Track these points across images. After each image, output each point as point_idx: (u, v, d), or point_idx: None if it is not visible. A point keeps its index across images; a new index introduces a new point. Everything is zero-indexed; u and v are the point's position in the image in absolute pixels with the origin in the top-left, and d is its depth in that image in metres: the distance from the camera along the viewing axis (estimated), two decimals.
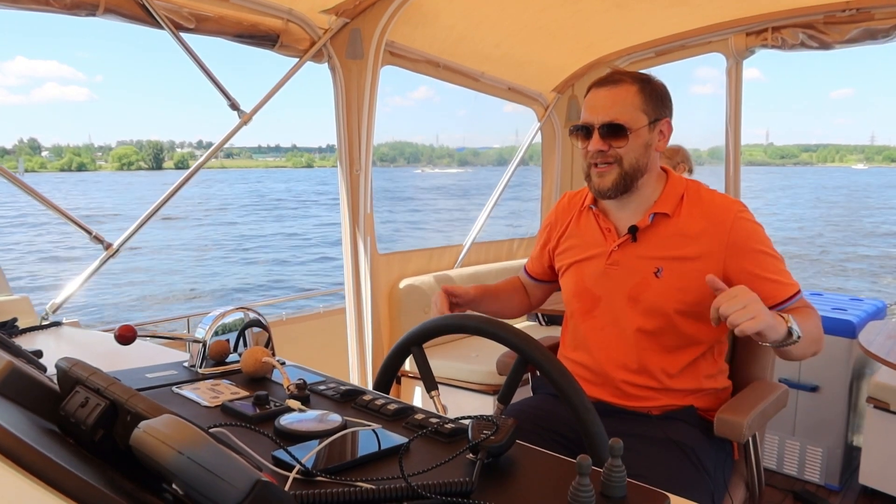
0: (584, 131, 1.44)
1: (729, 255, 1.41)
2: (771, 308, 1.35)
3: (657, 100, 1.45)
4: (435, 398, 1.32)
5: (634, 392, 1.47)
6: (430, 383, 1.33)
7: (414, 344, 1.32)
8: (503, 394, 1.26)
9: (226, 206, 36.37)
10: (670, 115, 1.48)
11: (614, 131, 1.41)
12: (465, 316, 1.34)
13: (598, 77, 1.48)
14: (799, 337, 1.25)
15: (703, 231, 1.43)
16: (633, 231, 1.48)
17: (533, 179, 4.21)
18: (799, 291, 1.42)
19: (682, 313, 1.43)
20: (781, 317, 1.25)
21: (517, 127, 3.98)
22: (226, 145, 2.56)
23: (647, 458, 1.31)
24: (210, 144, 2.47)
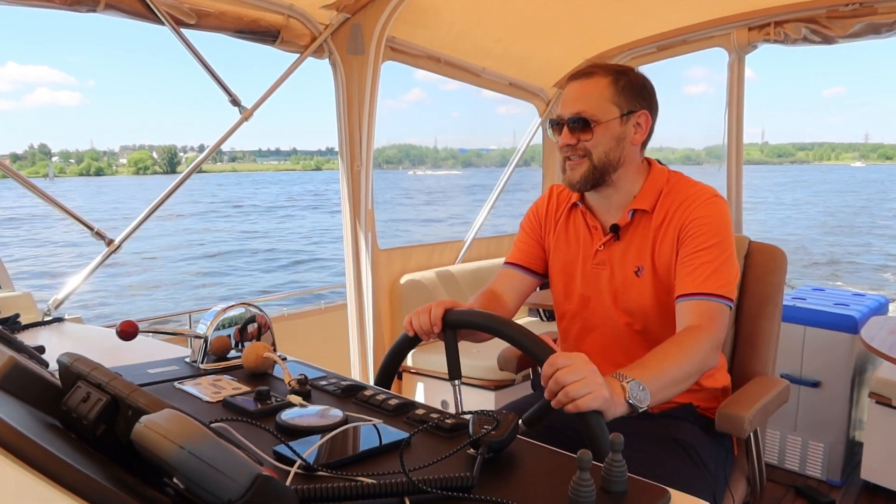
0: (556, 124, 1.43)
1: (679, 243, 1.38)
2: (677, 299, 1.34)
3: (632, 91, 1.41)
4: (456, 387, 1.30)
5: None
6: (456, 371, 1.30)
7: (451, 328, 1.28)
8: (530, 418, 1.13)
9: (318, 204, 37.19)
10: (649, 107, 1.44)
11: (581, 124, 1.38)
12: (510, 324, 1.23)
13: (575, 70, 1.47)
14: (642, 407, 1.11)
15: (671, 222, 1.41)
16: (616, 230, 1.46)
17: (533, 180, 4.21)
18: (713, 295, 1.32)
19: (664, 311, 1.41)
20: (621, 387, 1.10)
21: (514, 128, 3.97)
22: (229, 148, 2.60)
23: (647, 457, 1.31)
24: (203, 149, 2.46)
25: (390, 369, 1.38)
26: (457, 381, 1.30)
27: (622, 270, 1.45)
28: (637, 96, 1.41)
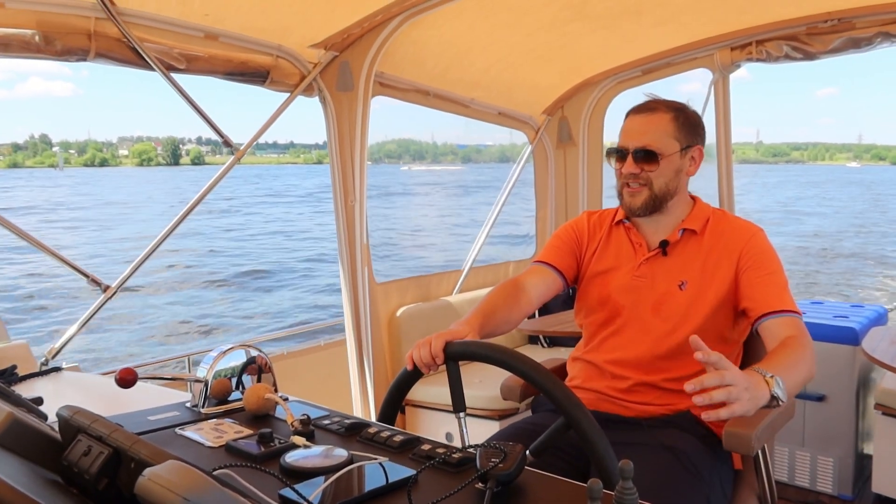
0: (620, 154, 1.53)
1: (739, 269, 1.50)
2: (761, 317, 1.45)
3: (690, 128, 1.54)
4: (461, 420, 1.29)
5: (626, 397, 1.52)
6: (460, 404, 1.28)
7: (453, 360, 1.28)
8: (537, 448, 1.16)
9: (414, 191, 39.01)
10: (702, 142, 1.57)
11: (647, 156, 1.50)
12: (516, 356, 1.24)
13: (636, 104, 1.57)
14: (782, 401, 1.22)
15: (724, 248, 1.52)
16: (664, 245, 1.56)
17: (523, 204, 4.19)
18: (795, 312, 1.45)
19: (700, 323, 1.49)
20: (766, 381, 1.21)
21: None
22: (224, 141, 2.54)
23: (639, 465, 1.30)
24: (209, 141, 2.49)
25: (393, 404, 1.37)
26: (461, 414, 1.29)
27: (665, 283, 1.54)
28: (693, 132, 1.55)
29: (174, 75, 2.24)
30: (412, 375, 1.33)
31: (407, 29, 2.61)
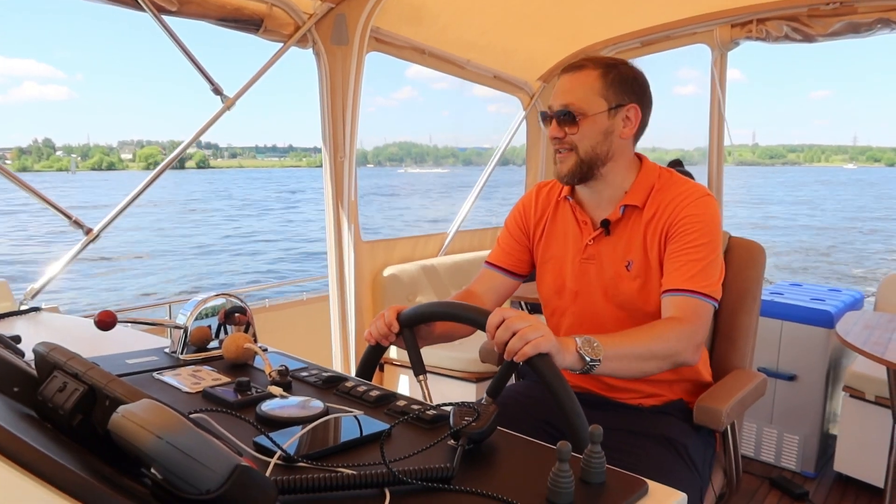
0: (545, 117, 1.43)
1: (667, 240, 1.39)
2: (663, 294, 1.36)
3: (622, 85, 1.39)
4: (422, 382, 1.31)
5: (617, 384, 1.47)
6: (419, 368, 1.32)
7: (406, 326, 1.32)
8: (493, 387, 1.20)
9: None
10: (640, 101, 1.42)
11: (569, 118, 1.38)
12: (449, 303, 1.31)
13: (569, 63, 1.45)
14: (594, 362, 1.15)
15: (659, 219, 1.41)
16: (606, 225, 1.45)
17: (516, 177, 4.22)
18: (697, 293, 1.33)
19: (654, 305, 1.41)
20: (573, 340, 1.16)
21: (507, 127, 3.98)
22: (227, 144, 2.57)
23: (636, 454, 1.32)
24: (210, 145, 2.48)
25: (371, 361, 1.38)
26: (422, 377, 1.32)
27: (612, 265, 1.44)
28: (627, 90, 1.40)
29: (166, 18, 2.18)
30: (375, 349, 1.36)
31: None
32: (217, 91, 2.41)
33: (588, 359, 1.15)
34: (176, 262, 18.34)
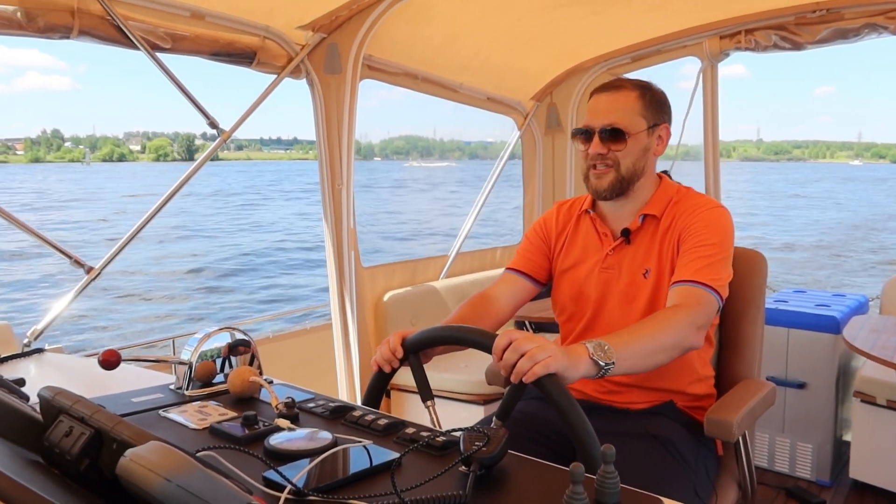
0: (585, 134, 1.48)
1: (679, 244, 1.45)
2: (671, 286, 1.40)
3: (656, 106, 1.49)
4: (430, 408, 1.30)
5: (616, 388, 1.50)
6: (426, 393, 1.31)
7: (412, 352, 1.31)
8: (502, 410, 1.19)
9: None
10: (669, 120, 1.53)
11: (614, 135, 1.45)
12: (454, 327, 1.32)
13: (601, 83, 1.53)
14: (608, 365, 1.16)
15: (675, 227, 1.48)
16: (626, 234, 1.52)
17: (511, 193, 4.21)
18: (703, 284, 1.37)
19: None
20: (585, 347, 1.16)
21: (508, 123, 3.98)
22: (233, 137, 2.54)
23: (627, 454, 1.32)
24: (215, 137, 2.45)
25: (378, 388, 1.37)
26: (430, 402, 1.31)
27: (630, 273, 1.50)
28: (660, 110, 1.50)
29: (160, 55, 2.20)
30: (381, 376, 1.35)
31: (396, 11, 2.59)
32: (213, 125, 2.43)
33: (602, 363, 1.16)
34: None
